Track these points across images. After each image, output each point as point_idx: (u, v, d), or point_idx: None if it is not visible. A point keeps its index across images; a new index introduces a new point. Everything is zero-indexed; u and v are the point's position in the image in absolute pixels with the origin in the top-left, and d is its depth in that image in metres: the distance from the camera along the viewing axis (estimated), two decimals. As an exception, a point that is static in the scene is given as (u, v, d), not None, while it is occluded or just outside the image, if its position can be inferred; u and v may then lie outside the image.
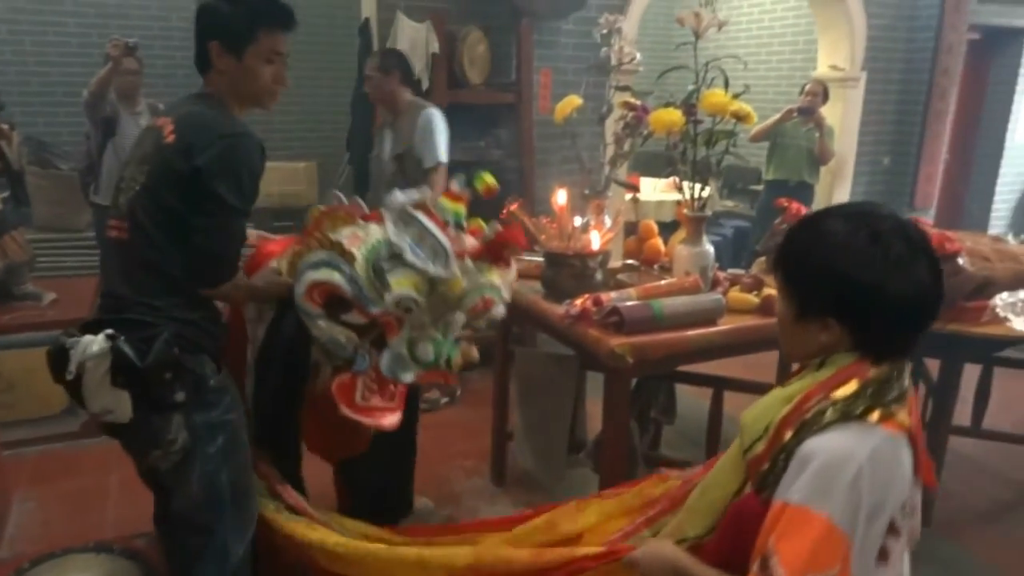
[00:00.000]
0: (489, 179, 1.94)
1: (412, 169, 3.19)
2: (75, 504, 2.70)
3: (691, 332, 2.07)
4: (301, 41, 4.60)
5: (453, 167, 3.85)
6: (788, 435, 1.08)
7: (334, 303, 1.73)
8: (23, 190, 3.18)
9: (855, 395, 1.05)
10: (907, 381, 1.10)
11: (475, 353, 1.92)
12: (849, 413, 1.04)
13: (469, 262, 1.80)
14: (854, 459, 1.01)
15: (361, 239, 1.73)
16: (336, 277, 1.67)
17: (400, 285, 1.67)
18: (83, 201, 4.08)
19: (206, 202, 1.53)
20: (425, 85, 3.77)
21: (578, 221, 2.30)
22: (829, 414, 1.05)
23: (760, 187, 5.55)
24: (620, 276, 2.46)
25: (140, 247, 1.57)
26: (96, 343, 1.45)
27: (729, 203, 6.64)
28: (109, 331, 1.47)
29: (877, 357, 1.09)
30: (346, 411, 1.71)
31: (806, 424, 1.06)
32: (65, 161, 5.17)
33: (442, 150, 3.19)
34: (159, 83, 5.93)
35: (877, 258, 1.03)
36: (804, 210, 3.08)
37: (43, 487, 2.79)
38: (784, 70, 6.49)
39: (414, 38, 3.80)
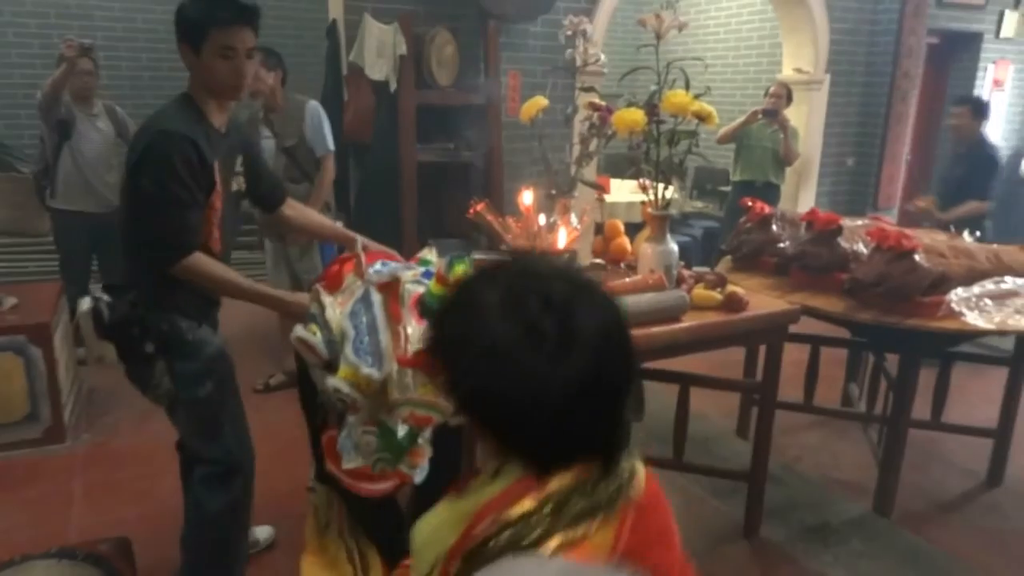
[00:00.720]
0: (462, 268, 1.75)
1: (305, 159, 3.44)
2: (37, 511, 2.66)
3: (655, 329, 2.10)
4: (268, 43, 4.57)
5: (425, 172, 3.89)
6: (454, 569, 0.81)
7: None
8: (-18, 193, 3.12)
9: (528, 516, 0.78)
10: (618, 483, 0.83)
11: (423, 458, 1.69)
12: (518, 542, 0.77)
13: (407, 373, 1.61)
14: None
15: (343, 305, 1.70)
16: (318, 338, 1.65)
17: (341, 374, 1.59)
18: (42, 206, 4.00)
19: (134, 192, 1.77)
20: (393, 87, 3.78)
21: (543, 221, 2.32)
22: (495, 543, 0.78)
23: (729, 188, 5.63)
24: (587, 275, 2.48)
25: (120, 227, 1.89)
26: (85, 303, 1.84)
27: (698, 204, 6.73)
28: (97, 294, 1.84)
29: (548, 467, 0.81)
30: (329, 465, 1.70)
31: (473, 555, 0.79)
32: (26, 164, 5.07)
33: (330, 139, 3.48)
34: (124, 85, 5.87)
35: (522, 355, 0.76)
36: (768, 209, 3.14)
37: (4, 494, 2.74)
38: (750, 73, 6.60)
39: (382, 40, 3.80)
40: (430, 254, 1.95)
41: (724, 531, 2.68)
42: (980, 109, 4.20)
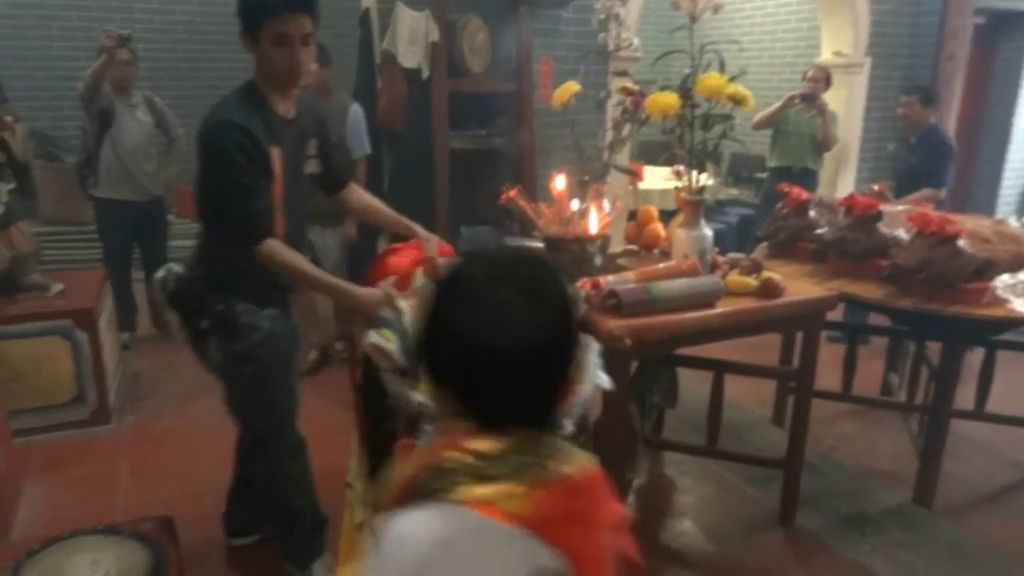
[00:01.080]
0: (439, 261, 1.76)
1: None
2: (85, 490, 2.74)
3: (689, 314, 2.09)
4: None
5: (458, 160, 3.93)
6: (384, 504, 0.87)
7: None
8: (29, 182, 3.21)
9: (450, 465, 0.82)
10: (546, 456, 0.84)
11: None
12: (428, 488, 0.81)
13: None
14: (415, 544, 0.78)
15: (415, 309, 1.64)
16: (393, 346, 1.64)
17: (423, 390, 1.50)
18: (85, 195, 4.10)
19: (200, 182, 1.86)
20: (425, 74, 3.78)
21: (576, 206, 2.31)
22: (414, 486, 0.83)
23: (765, 175, 5.54)
24: (620, 261, 2.47)
25: (196, 210, 1.96)
26: (160, 272, 2.00)
27: (734, 191, 6.63)
28: (173, 264, 2.01)
29: (487, 424, 0.85)
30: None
31: (398, 496, 0.85)
32: (70, 154, 5.21)
33: (367, 142, 3.67)
34: (163, 76, 5.97)
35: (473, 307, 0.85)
36: (805, 195, 3.08)
37: (53, 474, 2.84)
38: (788, 57, 6.46)
39: (414, 27, 3.80)
40: None
41: (759, 519, 2.66)
42: (929, 98, 4.15)
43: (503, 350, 0.83)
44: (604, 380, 1.66)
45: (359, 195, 2.26)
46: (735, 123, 2.19)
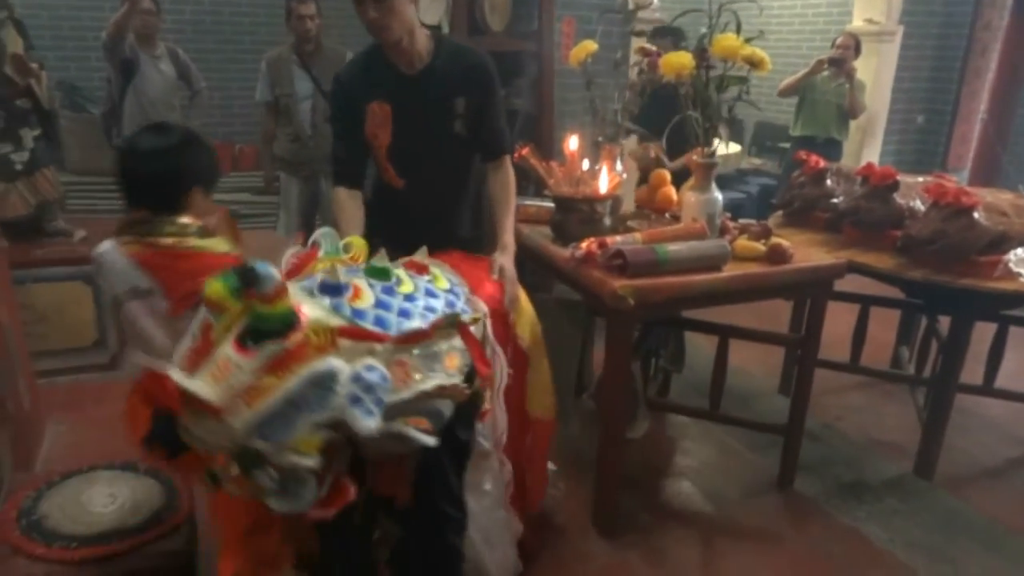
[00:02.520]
0: (359, 243, 1.61)
1: None
2: (103, 430, 2.82)
3: (695, 277, 2.10)
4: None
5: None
6: None
7: None
8: (54, 129, 3.26)
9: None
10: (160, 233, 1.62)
11: None
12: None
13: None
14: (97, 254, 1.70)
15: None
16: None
17: None
18: (109, 145, 4.16)
19: None
20: (445, 31, 3.76)
21: (587, 166, 2.32)
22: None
23: (788, 145, 5.47)
24: (630, 223, 2.48)
25: None
26: None
27: (757, 160, 6.55)
28: None
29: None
30: None
31: None
32: (96, 105, 5.26)
33: None
34: (187, 28, 5.99)
35: None
36: (823, 163, 3.05)
37: (74, 413, 2.93)
38: (819, 24, 6.32)
39: (436, -19, 3.78)
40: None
41: (758, 483, 2.69)
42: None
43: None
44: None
45: (499, 179, 2.11)
46: (758, 90, 2.16)
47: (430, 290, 1.50)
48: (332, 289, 1.33)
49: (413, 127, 1.98)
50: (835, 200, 2.92)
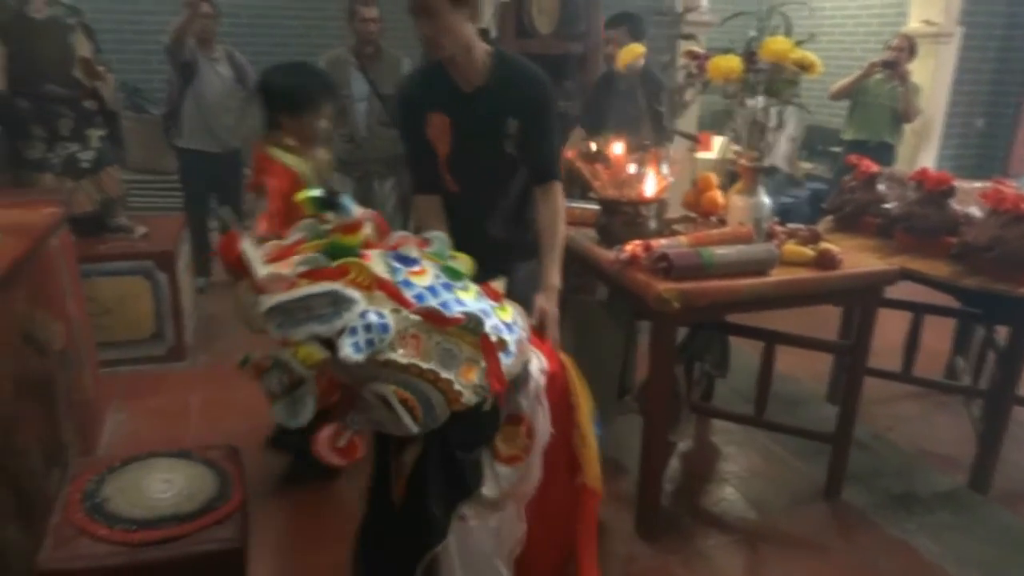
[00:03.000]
0: (467, 260, 1.70)
1: (395, 108, 3.62)
2: (160, 418, 2.96)
3: (741, 281, 2.09)
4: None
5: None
6: None
7: None
8: (118, 130, 3.41)
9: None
10: None
11: None
12: None
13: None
14: None
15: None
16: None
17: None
18: (168, 145, 4.31)
19: None
20: (493, 34, 3.80)
21: (632, 170, 2.32)
22: None
23: (839, 149, 5.36)
24: (675, 226, 2.48)
25: None
26: None
27: (808, 165, 6.44)
28: None
29: None
30: None
31: None
32: (156, 106, 5.45)
33: None
34: (244, 32, 6.15)
35: None
36: (874, 168, 3.00)
37: (133, 402, 3.06)
38: (873, 25, 6.18)
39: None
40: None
41: (804, 492, 2.65)
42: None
43: None
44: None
45: (547, 209, 2.04)
46: (809, 93, 2.14)
47: (487, 311, 1.55)
48: (404, 259, 1.53)
49: (469, 142, 2.01)
50: (887, 205, 2.86)
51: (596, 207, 2.47)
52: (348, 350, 1.32)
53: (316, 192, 1.50)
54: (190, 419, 2.97)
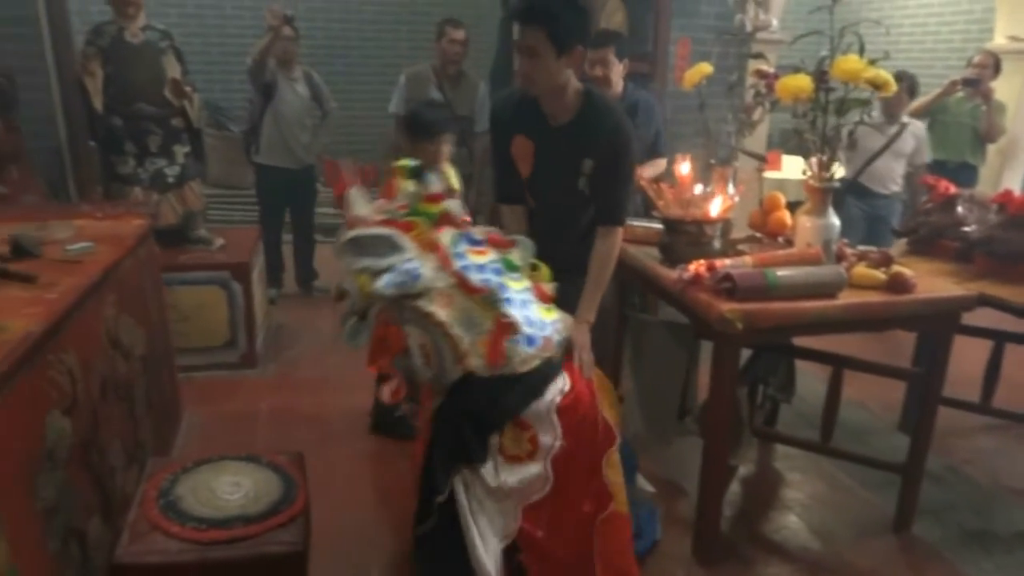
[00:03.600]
0: (545, 270, 1.99)
1: (468, 129, 3.91)
2: (231, 423, 3.08)
3: (807, 303, 2.04)
4: (446, 12, 4.79)
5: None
6: None
7: None
8: (201, 146, 3.59)
9: None
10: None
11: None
12: None
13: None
14: None
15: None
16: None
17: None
18: (247, 161, 4.50)
19: None
20: (561, 54, 3.84)
21: (698, 189, 2.31)
22: None
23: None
24: (740, 246, 2.45)
25: None
26: None
27: (881, 185, 6.22)
28: None
29: None
30: None
31: None
32: (236, 124, 5.71)
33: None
34: (320, 53, 6.40)
35: None
36: (952, 189, 2.89)
37: (208, 407, 3.19)
38: (955, 42, 5.97)
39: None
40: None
41: (871, 523, 2.56)
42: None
43: None
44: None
45: (601, 248, 2.11)
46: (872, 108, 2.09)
47: (526, 301, 1.83)
48: (471, 239, 1.89)
49: (547, 171, 2.13)
50: (966, 228, 2.75)
51: (659, 226, 2.46)
52: (381, 283, 1.71)
53: (409, 162, 2.15)
54: (259, 425, 3.07)
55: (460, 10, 6.20)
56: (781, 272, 2.05)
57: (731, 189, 2.37)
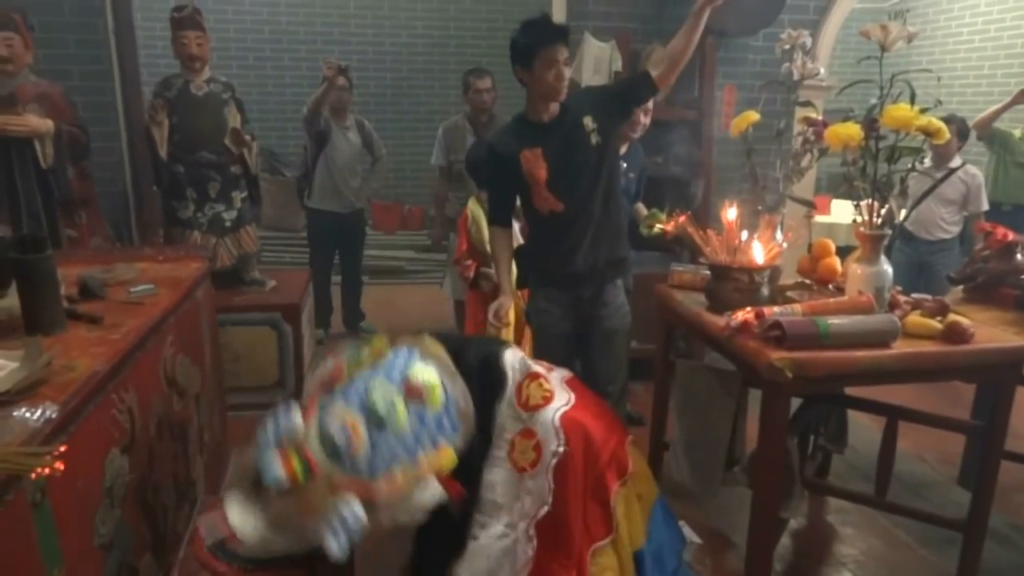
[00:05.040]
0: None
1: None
2: (278, 463, 3.11)
3: (860, 353, 2.00)
4: (490, 62, 4.92)
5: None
6: None
7: None
8: (257, 191, 3.72)
9: None
10: None
11: None
12: None
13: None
14: None
15: None
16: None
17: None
18: (300, 205, 4.65)
19: None
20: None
21: (746, 236, 2.30)
22: None
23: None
24: (789, 293, 2.42)
25: None
26: None
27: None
28: None
29: None
30: None
31: None
32: (289, 169, 5.91)
33: None
34: (371, 101, 6.62)
35: None
36: (1011, 235, 2.81)
37: (253, 446, 3.24)
38: (1011, 85, 5.86)
39: (599, 57, 3.95)
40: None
41: (930, 583, 2.45)
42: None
43: None
44: None
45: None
46: (923, 155, 2.07)
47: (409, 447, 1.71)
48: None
49: (561, 155, 2.42)
50: (1027, 276, 2.67)
51: (705, 272, 2.45)
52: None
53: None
54: (305, 464, 3.10)
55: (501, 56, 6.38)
56: (832, 320, 2.01)
57: (779, 236, 2.35)
